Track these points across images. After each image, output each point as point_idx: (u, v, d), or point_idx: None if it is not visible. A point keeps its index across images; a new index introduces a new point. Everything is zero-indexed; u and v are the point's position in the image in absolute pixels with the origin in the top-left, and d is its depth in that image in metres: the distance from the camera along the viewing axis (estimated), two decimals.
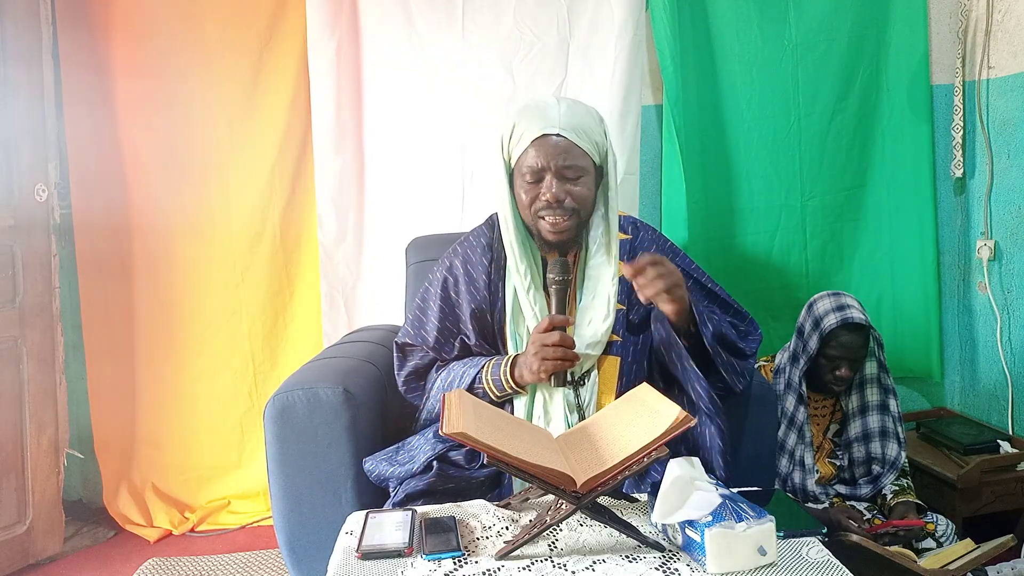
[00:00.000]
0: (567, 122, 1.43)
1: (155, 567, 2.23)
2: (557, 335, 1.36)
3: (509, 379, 1.43)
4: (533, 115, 1.44)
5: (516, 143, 1.45)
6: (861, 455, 2.06)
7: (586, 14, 2.40)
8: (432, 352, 1.57)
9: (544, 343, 1.36)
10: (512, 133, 1.46)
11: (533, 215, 1.46)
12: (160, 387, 2.57)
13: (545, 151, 1.42)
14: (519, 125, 1.45)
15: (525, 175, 1.44)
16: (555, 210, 1.43)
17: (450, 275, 1.57)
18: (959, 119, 2.48)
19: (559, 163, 1.42)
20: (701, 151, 2.45)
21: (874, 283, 2.58)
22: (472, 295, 1.53)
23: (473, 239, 1.60)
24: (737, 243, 2.52)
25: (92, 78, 2.45)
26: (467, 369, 1.49)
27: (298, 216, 2.57)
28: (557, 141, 1.42)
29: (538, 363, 1.37)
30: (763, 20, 2.44)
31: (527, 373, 1.40)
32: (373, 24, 2.43)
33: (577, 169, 1.43)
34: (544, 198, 1.42)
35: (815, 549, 1.06)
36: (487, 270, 1.53)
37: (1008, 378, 2.42)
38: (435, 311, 1.56)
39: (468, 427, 1.04)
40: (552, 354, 1.36)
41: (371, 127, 2.48)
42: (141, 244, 2.54)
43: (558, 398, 1.42)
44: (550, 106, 1.45)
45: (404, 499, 1.37)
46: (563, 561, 1.03)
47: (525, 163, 1.44)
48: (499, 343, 1.52)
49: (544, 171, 1.42)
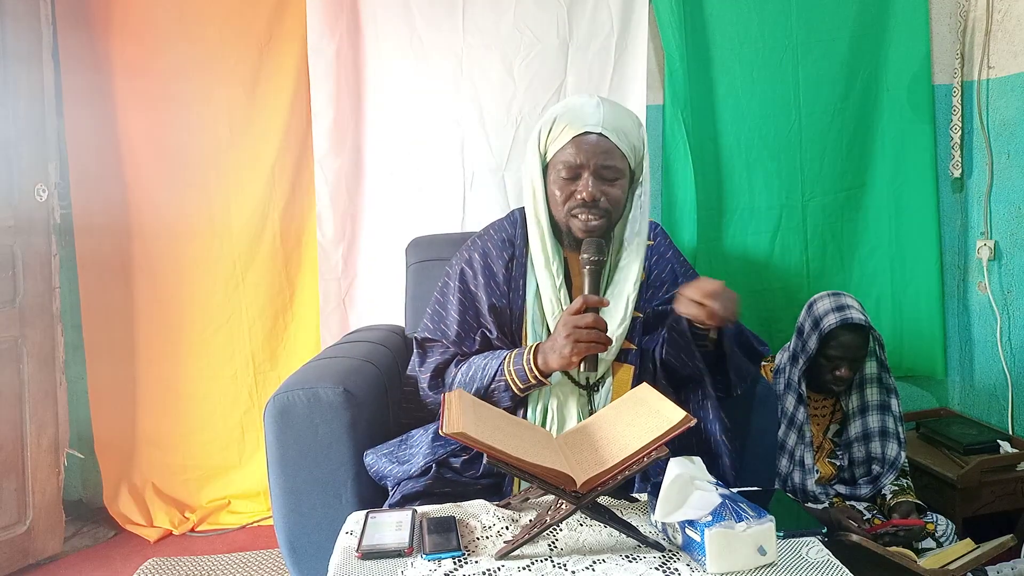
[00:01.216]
0: (609, 122, 1.41)
1: (155, 567, 2.23)
2: (591, 317, 1.31)
3: (533, 368, 1.37)
4: (575, 112, 1.43)
5: (555, 138, 1.43)
6: (861, 455, 2.06)
7: (586, 15, 2.41)
8: (453, 347, 1.53)
9: (577, 324, 1.30)
10: (552, 128, 1.44)
11: (566, 212, 1.43)
12: (160, 387, 2.57)
13: (585, 149, 1.40)
14: (560, 120, 1.43)
15: (561, 171, 1.42)
16: (589, 209, 1.41)
17: (468, 268, 1.54)
18: (957, 119, 2.48)
19: (598, 162, 1.40)
20: (701, 151, 2.45)
21: (874, 283, 2.58)
22: (491, 290, 1.50)
23: (493, 232, 1.57)
24: (737, 243, 2.53)
25: (92, 78, 2.45)
26: (488, 361, 1.44)
27: (298, 216, 2.57)
28: (598, 140, 1.40)
29: (571, 346, 1.30)
30: (764, 20, 2.44)
31: (555, 358, 1.34)
32: (373, 25, 2.43)
33: (615, 170, 1.42)
34: (580, 196, 1.40)
35: (815, 549, 1.06)
36: (507, 264, 1.51)
37: (1008, 378, 2.42)
38: (455, 304, 1.53)
39: (468, 427, 1.04)
40: (586, 336, 1.30)
41: (371, 127, 2.48)
42: (141, 244, 2.54)
43: (572, 404, 1.41)
44: (594, 105, 1.43)
45: (401, 500, 1.37)
46: (563, 561, 1.04)
47: (562, 159, 1.42)
48: (518, 341, 1.50)
49: (582, 168, 1.41)
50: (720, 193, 2.50)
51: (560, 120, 1.43)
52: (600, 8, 2.40)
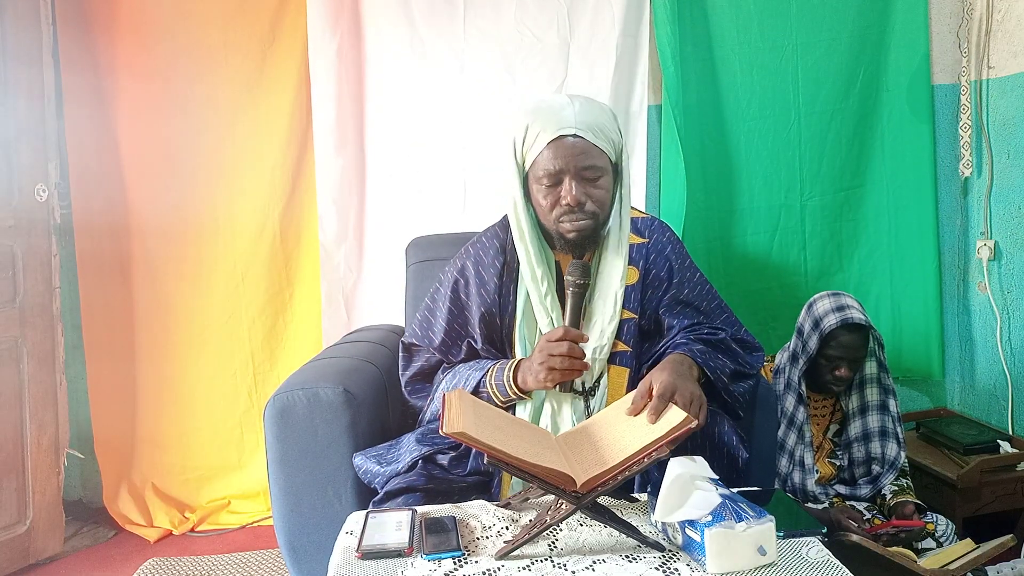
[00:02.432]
0: (583, 121, 1.37)
1: (155, 567, 2.23)
2: (566, 346, 1.32)
3: (512, 384, 1.40)
4: (547, 115, 1.39)
5: (531, 146, 1.40)
6: (861, 455, 2.06)
7: (586, 14, 2.41)
8: (438, 354, 1.55)
9: (551, 352, 1.32)
10: (526, 135, 1.40)
11: (555, 220, 1.41)
12: (160, 387, 2.57)
13: (562, 153, 1.36)
14: (533, 126, 1.39)
15: (542, 179, 1.39)
16: (575, 213, 1.39)
17: (461, 277, 1.54)
18: (967, 118, 2.48)
19: (578, 164, 1.37)
20: (701, 151, 2.45)
21: (873, 283, 2.58)
22: (482, 298, 1.50)
23: (486, 240, 1.56)
24: (737, 243, 2.52)
25: (92, 78, 2.45)
26: (472, 372, 1.46)
27: (299, 216, 2.57)
28: (574, 142, 1.36)
29: (544, 372, 1.33)
30: (763, 19, 2.44)
31: (531, 379, 1.37)
32: (374, 25, 2.44)
33: (596, 169, 1.39)
34: (564, 202, 1.38)
35: (815, 549, 1.06)
36: (499, 272, 1.50)
37: (1008, 378, 2.42)
38: (443, 313, 1.54)
39: (468, 427, 1.04)
40: (559, 364, 1.32)
41: (372, 127, 2.48)
42: (141, 244, 2.54)
43: (566, 409, 1.40)
44: (564, 105, 1.39)
45: (384, 497, 1.36)
46: (563, 561, 1.03)
47: (541, 166, 1.38)
48: (507, 348, 1.50)
49: (562, 173, 1.37)
50: (719, 193, 2.50)
51: (533, 126, 1.39)
52: (601, 8, 2.40)
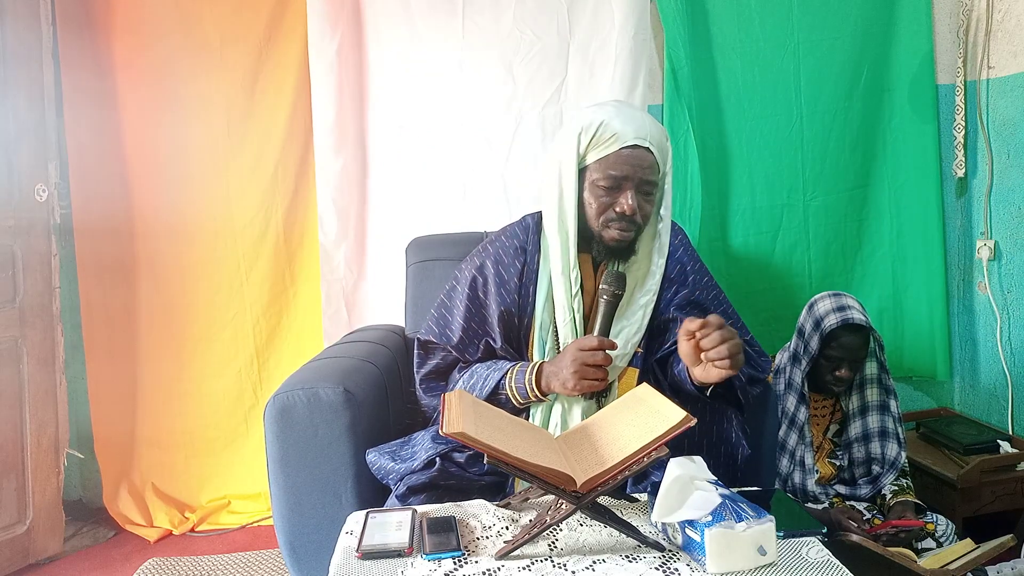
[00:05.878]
0: (655, 136, 1.37)
1: (155, 567, 2.23)
2: (602, 356, 1.32)
3: (535, 387, 1.39)
4: (627, 119, 1.37)
5: (600, 143, 1.37)
6: (861, 455, 2.05)
7: (586, 14, 2.41)
8: (455, 352, 1.53)
9: (586, 362, 1.32)
10: (597, 131, 1.37)
11: (602, 223, 1.40)
12: (160, 387, 2.57)
13: (633, 161, 1.36)
14: (610, 125, 1.36)
15: (600, 180, 1.37)
16: (625, 221, 1.38)
17: (480, 275, 1.53)
18: (960, 119, 2.48)
19: (642, 177, 1.37)
20: (703, 150, 2.45)
21: (876, 283, 2.58)
22: (502, 297, 1.49)
23: (506, 239, 1.55)
24: (739, 243, 2.53)
25: (92, 78, 2.45)
26: (491, 373, 1.45)
27: (301, 216, 2.57)
28: (645, 154, 1.36)
29: (574, 381, 1.33)
30: (765, 19, 2.44)
31: (557, 384, 1.36)
32: (374, 25, 2.44)
33: (653, 185, 1.39)
34: (619, 209, 1.37)
35: (815, 549, 1.06)
36: (519, 272, 1.49)
37: (1008, 378, 2.42)
38: (461, 311, 1.52)
39: (468, 427, 1.04)
40: (592, 374, 1.33)
41: (372, 127, 2.48)
42: (141, 244, 2.54)
43: (577, 410, 1.40)
44: (642, 116, 1.40)
45: (407, 492, 1.36)
46: (563, 561, 1.03)
47: (606, 167, 1.37)
48: (524, 348, 1.50)
49: (626, 181, 1.36)
50: (722, 193, 2.50)
51: (607, 127, 1.36)
52: (601, 7, 2.39)
